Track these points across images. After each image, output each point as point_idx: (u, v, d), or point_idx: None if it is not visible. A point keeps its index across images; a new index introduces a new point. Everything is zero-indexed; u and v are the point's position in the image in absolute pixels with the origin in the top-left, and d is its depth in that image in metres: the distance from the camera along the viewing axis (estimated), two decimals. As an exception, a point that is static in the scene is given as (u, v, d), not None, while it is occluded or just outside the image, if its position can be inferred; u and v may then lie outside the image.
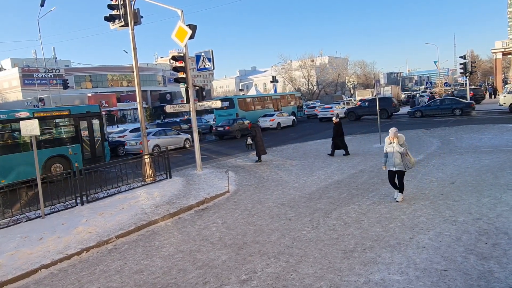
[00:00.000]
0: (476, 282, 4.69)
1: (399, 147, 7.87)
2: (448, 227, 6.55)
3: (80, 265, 6.57)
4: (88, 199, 10.24)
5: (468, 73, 31.67)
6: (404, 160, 7.96)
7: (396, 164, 8.00)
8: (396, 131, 7.95)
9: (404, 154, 7.93)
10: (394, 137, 7.89)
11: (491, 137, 15.63)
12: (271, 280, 5.29)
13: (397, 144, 7.88)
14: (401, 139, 7.94)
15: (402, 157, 7.93)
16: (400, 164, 7.97)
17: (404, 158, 7.96)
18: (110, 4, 13.13)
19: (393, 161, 8.00)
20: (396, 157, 7.96)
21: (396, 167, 8.03)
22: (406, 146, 8.01)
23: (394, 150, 7.92)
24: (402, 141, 7.96)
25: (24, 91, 58.23)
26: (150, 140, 19.73)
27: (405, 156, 7.95)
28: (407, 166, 8.02)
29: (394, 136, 7.89)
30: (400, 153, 7.91)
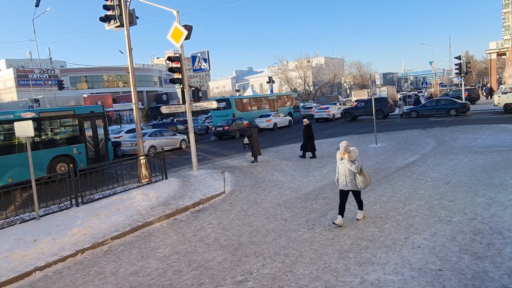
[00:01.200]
0: (470, 281, 4.71)
1: (350, 164, 6.80)
2: (443, 227, 6.58)
3: (74, 267, 6.53)
4: (83, 200, 10.19)
5: (463, 73, 31.85)
6: (356, 179, 6.89)
7: (348, 183, 6.94)
8: (347, 145, 6.88)
9: (356, 173, 6.85)
10: (345, 152, 6.85)
11: (486, 137, 15.72)
12: (267, 281, 5.28)
13: (348, 160, 6.83)
14: (353, 154, 6.90)
15: (354, 176, 6.88)
16: (353, 182, 6.93)
17: (357, 177, 6.87)
18: (106, 5, 13.09)
19: (344, 180, 6.97)
20: (347, 175, 6.92)
21: (348, 187, 6.97)
22: (360, 163, 6.92)
23: (345, 168, 6.90)
24: (354, 156, 6.91)
25: (19, 92, 57.98)
26: (146, 141, 19.65)
27: (357, 175, 6.87)
28: (359, 186, 6.94)
29: (344, 151, 6.85)
30: (352, 171, 6.86)
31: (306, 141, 14.96)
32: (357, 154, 6.98)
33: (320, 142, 19.33)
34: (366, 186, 7.01)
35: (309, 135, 14.88)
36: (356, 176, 6.87)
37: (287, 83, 74.12)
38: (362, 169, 6.92)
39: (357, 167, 6.79)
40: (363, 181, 6.90)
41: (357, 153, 7.02)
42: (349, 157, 6.83)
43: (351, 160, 6.81)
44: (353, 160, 6.84)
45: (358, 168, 6.81)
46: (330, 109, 33.85)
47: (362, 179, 6.89)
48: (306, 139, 14.92)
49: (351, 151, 6.87)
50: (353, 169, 6.76)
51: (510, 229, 6.21)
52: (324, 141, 19.64)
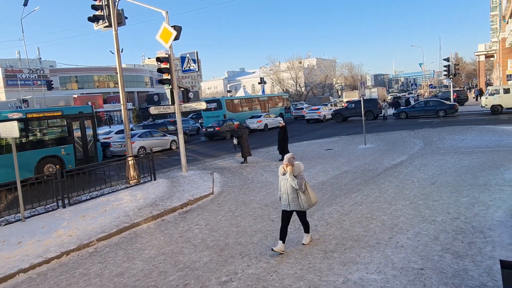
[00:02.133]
0: (450, 280, 4.79)
1: (292, 178, 5.88)
2: (427, 226, 6.67)
3: (59, 268, 6.48)
4: (70, 201, 10.11)
5: (451, 75, 32.27)
6: (299, 198, 5.98)
7: (290, 202, 6.02)
8: (291, 157, 6.01)
9: (300, 190, 5.95)
10: (288, 164, 5.95)
11: (472, 138, 15.96)
12: (251, 281, 5.31)
13: (290, 174, 5.91)
14: (296, 168, 5.98)
15: (298, 194, 5.99)
16: (296, 201, 6.00)
17: (299, 195, 5.97)
18: (94, 5, 13.00)
19: (286, 198, 6.04)
20: (289, 193, 5.98)
21: (291, 206, 6.04)
22: (304, 179, 6.02)
23: (288, 184, 5.99)
24: (298, 171, 5.98)
25: (7, 92, 57.21)
26: (135, 141, 19.58)
27: (301, 193, 5.96)
28: (302, 206, 6.02)
29: (288, 163, 5.96)
30: (295, 188, 5.93)
31: (280, 143, 15.03)
32: (301, 169, 6.10)
33: (310, 143, 19.47)
34: (311, 206, 6.12)
35: (284, 137, 14.98)
36: (299, 194, 5.98)
37: (279, 84, 74.40)
38: (306, 186, 6.06)
39: (299, 183, 5.88)
40: (307, 200, 5.99)
41: (302, 168, 6.12)
42: (292, 171, 5.92)
43: (294, 175, 5.93)
44: (296, 175, 5.95)
45: (301, 185, 5.91)
46: (321, 110, 34.02)
47: (305, 198, 5.98)
48: (281, 140, 15.00)
49: (296, 165, 6.00)
50: (295, 185, 5.85)
51: (492, 228, 6.33)
52: (314, 142, 19.75)
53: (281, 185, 6.16)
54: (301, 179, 5.95)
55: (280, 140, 14.99)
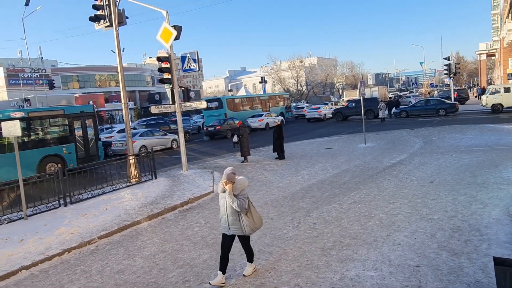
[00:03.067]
0: (446, 277, 4.86)
1: (232, 198, 4.95)
2: (424, 224, 6.74)
3: (61, 265, 6.57)
4: (71, 200, 10.21)
5: (452, 74, 32.27)
6: (241, 221, 5.06)
7: (230, 225, 5.13)
8: (231, 172, 5.01)
9: (242, 212, 5.03)
10: (228, 182, 4.98)
11: (472, 137, 16.00)
12: (250, 278, 5.39)
13: (230, 193, 4.97)
14: (238, 186, 5.02)
15: (239, 216, 5.06)
16: (237, 225, 5.10)
17: (242, 217, 5.05)
18: (95, 5, 13.08)
19: (226, 220, 5.13)
20: (229, 214, 5.07)
21: (231, 230, 5.15)
22: (246, 199, 5.09)
23: (228, 204, 5.04)
24: (240, 189, 5.05)
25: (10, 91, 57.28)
26: (136, 141, 19.71)
27: (243, 215, 5.04)
28: (244, 231, 5.11)
29: (228, 180, 4.98)
30: (235, 210, 5.01)
31: (276, 142, 15.10)
32: (245, 186, 5.10)
33: (310, 142, 19.55)
34: (254, 230, 5.22)
35: (280, 136, 15.07)
36: (240, 216, 5.05)
37: (280, 83, 74.37)
38: (250, 207, 5.16)
39: (240, 204, 4.94)
40: (249, 223, 5.08)
41: (245, 184, 5.13)
42: (233, 189, 4.99)
43: (234, 194, 4.98)
44: (237, 194, 5.00)
45: (243, 206, 4.98)
46: (322, 109, 34.08)
47: (247, 221, 5.06)
48: (276, 139, 15.08)
49: (237, 181, 5.02)
50: (235, 206, 4.92)
51: (488, 226, 6.40)
52: (315, 141, 19.82)
53: (220, 204, 5.22)
54: (243, 198, 5.01)
55: (275, 139, 15.07)
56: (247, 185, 5.22)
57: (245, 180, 5.16)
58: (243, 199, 5.04)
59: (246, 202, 5.09)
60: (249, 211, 5.14)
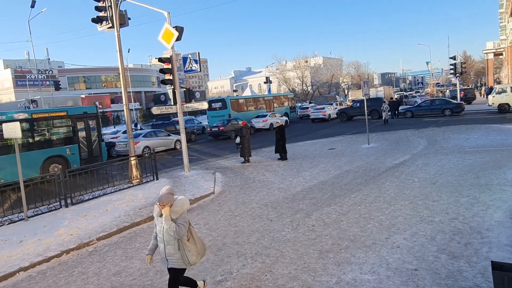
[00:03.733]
0: (444, 281, 4.77)
1: (170, 225, 4.12)
2: (424, 227, 6.64)
3: (59, 267, 6.58)
4: (72, 201, 10.24)
5: (458, 73, 31.94)
6: (181, 249, 4.25)
7: (168, 255, 4.31)
8: (167, 192, 4.18)
9: (182, 239, 4.21)
10: (164, 205, 4.14)
11: (477, 137, 15.79)
12: (246, 281, 5.34)
13: (167, 217, 4.14)
14: (177, 208, 4.18)
15: (178, 244, 4.24)
16: (175, 256, 4.28)
17: (181, 245, 4.23)
18: (97, 6, 13.13)
19: (163, 249, 4.31)
20: (167, 243, 4.25)
21: (169, 262, 4.33)
22: (187, 223, 4.25)
23: (164, 230, 4.22)
24: (180, 212, 4.19)
25: (17, 92, 57.90)
26: (140, 141, 19.78)
27: (183, 243, 4.22)
28: (186, 262, 4.29)
29: (165, 201, 4.14)
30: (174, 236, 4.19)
31: (278, 143, 15.05)
32: (185, 207, 4.30)
33: (313, 142, 19.45)
34: (199, 259, 4.43)
35: (282, 136, 15.04)
36: (181, 244, 4.24)
37: (285, 83, 74.28)
38: (192, 232, 4.38)
39: (179, 230, 4.13)
40: (192, 250, 4.31)
41: (186, 205, 4.32)
42: (171, 212, 4.16)
43: (172, 218, 4.16)
44: (176, 218, 4.17)
45: (182, 232, 4.15)
46: (326, 109, 33.92)
47: (189, 246, 4.28)
48: (278, 140, 15.04)
49: (176, 202, 4.21)
50: (173, 233, 4.12)
51: (490, 229, 6.28)
52: (318, 141, 19.72)
53: (156, 230, 4.41)
54: (183, 223, 4.17)
55: (278, 140, 15.04)
56: (188, 206, 4.43)
57: (185, 201, 4.32)
58: (183, 224, 4.19)
59: (187, 227, 4.26)
60: (190, 236, 4.34)
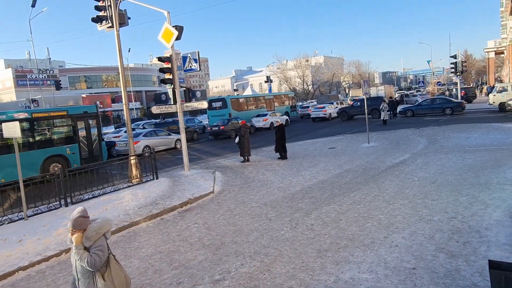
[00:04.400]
0: (442, 280, 4.77)
1: (82, 254, 3.39)
2: (423, 226, 6.63)
3: (58, 266, 6.59)
4: (72, 200, 10.25)
5: (459, 72, 31.88)
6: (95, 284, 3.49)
7: None
8: (79, 216, 3.45)
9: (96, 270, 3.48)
10: (76, 231, 3.41)
11: (478, 136, 15.77)
12: (244, 280, 5.34)
13: (78, 248, 3.42)
14: (92, 233, 3.44)
15: (93, 277, 3.49)
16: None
17: (96, 279, 3.49)
18: (97, 6, 13.13)
19: (78, 285, 3.58)
20: (81, 275, 3.52)
21: None
22: (106, 251, 3.52)
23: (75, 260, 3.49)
24: (95, 238, 3.45)
25: (18, 92, 57.95)
26: (140, 141, 19.81)
27: (98, 277, 3.49)
28: None
29: (76, 226, 3.41)
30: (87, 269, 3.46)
31: (278, 142, 15.06)
32: (102, 230, 3.53)
33: (314, 142, 19.44)
34: None
35: (282, 135, 15.06)
36: (95, 277, 3.50)
37: (285, 83, 74.22)
38: (111, 263, 3.61)
39: (92, 261, 3.37)
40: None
41: (105, 228, 3.57)
42: (83, 238, 3.43)
43: (84, 246, 3.43)
44: (90, 246, 3.43)
45: (96, 263, 3.40)
46: (327, 108, 33.90)
47: (104, 285, 3.49)
48: (279, 139, 15.06)
49: (91, 227, 3.47)
50: (84, 264, 3.39)
51: (488, 228, 6.27)
52: (318, 141, 19.71)
53: (71, 261, 3.61)
54: (98, 252, 3.42)
55: (278, 139, 15.03)
56: (107, 230, 3.63)
57: (103, 224, 3.56)
58: (99, 252, 3.42)
59: (104, 257, 3.48)
60: (108, 269, 3.54)
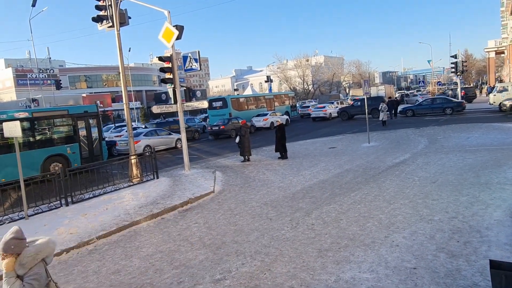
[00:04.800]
0: (442, 279, 4.77)
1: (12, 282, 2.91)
2: (424, 225, 6.63)
3: (58, 266, 6.59)
4: (73, 200, 10.26)
5: (459, 72, 31.87)
6: None
7: None
8: (11, 237, 2.96)
9: None
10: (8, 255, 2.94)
11: (478, 136, 15.77)
12: (244, 279, 5.34)
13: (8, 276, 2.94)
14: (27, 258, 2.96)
15: None
16: None
17: None
18: (98, 5, 13.14)
19: None
20: None
21: None
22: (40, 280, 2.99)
23: None
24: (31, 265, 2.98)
25: (18, 91, 57.94)
26: (141, 140, 19.83)
27: None
28: None
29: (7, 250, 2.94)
30: None
31: (278, 142, 15.09)
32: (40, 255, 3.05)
33: (314, 141, 19.45)
34: None
35: (283, 135, 15.09)
36: None
37: (286, 82, 74.18)
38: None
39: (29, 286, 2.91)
40: None
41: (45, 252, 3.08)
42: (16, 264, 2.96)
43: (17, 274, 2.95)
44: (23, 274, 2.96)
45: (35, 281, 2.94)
46: (327, 108, 33.91)
47: None
48: (279, 139, 15.08)
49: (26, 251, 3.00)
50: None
51: (489, 227, 6.27)
52: (318, 140, 19.71)
53: None
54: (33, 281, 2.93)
55: (278, 139, 15.05)
56: (48, 254, 3.13)
57: (43, 248, 3.06)
58: (33, 282, 2.92)
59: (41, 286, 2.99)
60: None
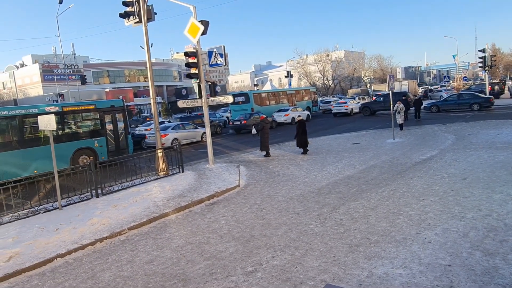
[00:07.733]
0: (479, 277, 4.69)
1: None
2: (456, 223, 6.52)
3: (93, 254, 6.82)
4: (103, 192, 10.55)
5: (487, 67, 30.87)
6: None
7: None
8: None
9: None
10: None
11: (508, 132, 15.29)
12: (276, 272, 5.40)
13: None
14: None
15: None
16: None
17: None
18: (125, 1, 13.36)
19: None
20: None
21: None
22: None
23: None
24: None
25: (45, 86, 59.71)
26: (169, 134, 20.39)
27: None
28: None
29: None
30: None
31: (299, 137, 15.14)
32: None
33: (336, 137, 19.30)
34: None
35: (304, 130, 15.13)
36: None
37: (306, 77, 73.68)
38: None
39: None
40: None
41: None
42: None
43: None
44: None
45: None
46: (349, 103, 33.52)
47: None
48: (300, 134, 15.10)
49: None
50: None
51: (526, 226, 6.11)
52: (341, 136, 19.54)
53: None
54: None
55: (299, 134, 15.06)
56: None
57: None
58: None
59: None
60: None
